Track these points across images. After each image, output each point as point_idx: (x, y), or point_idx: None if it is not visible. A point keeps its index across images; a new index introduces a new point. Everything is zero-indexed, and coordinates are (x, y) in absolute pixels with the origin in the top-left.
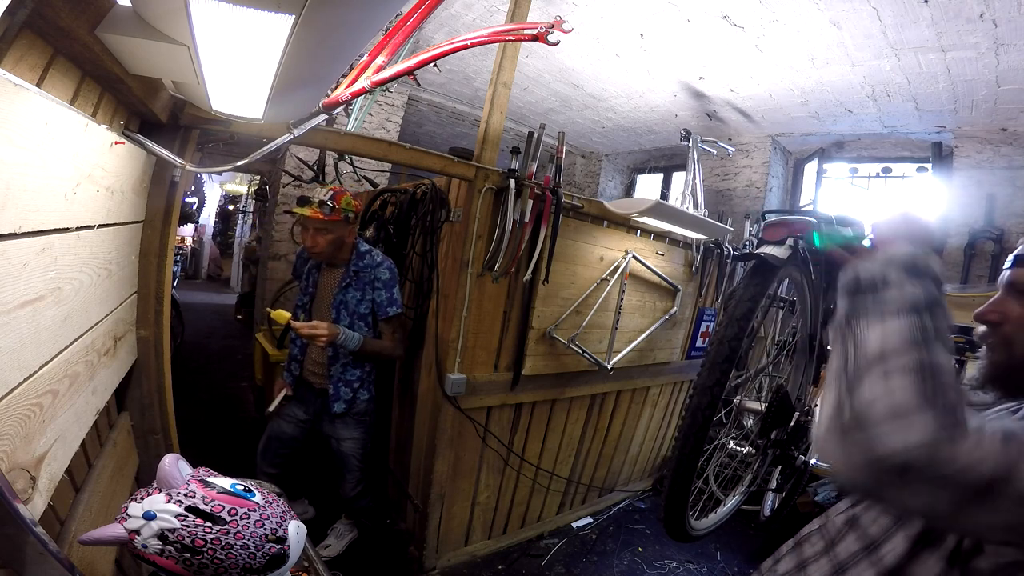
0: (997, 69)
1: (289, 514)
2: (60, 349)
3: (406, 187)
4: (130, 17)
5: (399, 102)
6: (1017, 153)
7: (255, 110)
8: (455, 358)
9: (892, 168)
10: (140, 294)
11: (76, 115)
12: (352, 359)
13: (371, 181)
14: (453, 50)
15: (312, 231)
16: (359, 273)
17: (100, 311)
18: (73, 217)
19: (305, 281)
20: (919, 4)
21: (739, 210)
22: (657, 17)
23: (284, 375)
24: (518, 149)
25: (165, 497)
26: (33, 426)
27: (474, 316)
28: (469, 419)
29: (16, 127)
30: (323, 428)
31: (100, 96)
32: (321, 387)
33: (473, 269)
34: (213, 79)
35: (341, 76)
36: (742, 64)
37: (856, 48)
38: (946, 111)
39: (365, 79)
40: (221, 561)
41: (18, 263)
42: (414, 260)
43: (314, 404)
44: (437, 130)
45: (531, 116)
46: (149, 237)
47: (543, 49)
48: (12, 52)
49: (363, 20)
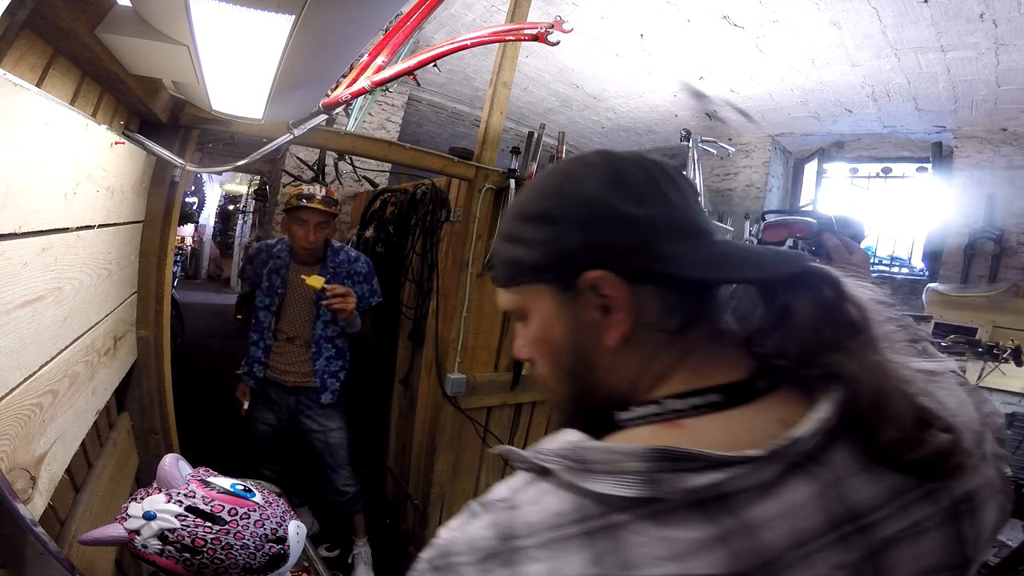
0: (997, 69)
1: (289, 514)
2: (60, 349)
3: (406, 187)
4: (130, 17)
5: (399, 102)
6: (1017, 153)
7: (255, 110)
8: (455, 358)
9: (892, 168)
10: (140, 294)
11: (76, 115)
12: (334, 351)
13: (371, 181)
14: (453, 50)
15: (313, 226)
16: (336, 269)
17: (100, 311)
18: (73, 217)
19: (268, 282)
20: (919, 4)
21: (739, 210)
22: (657, 17)
23: (245, 379)
24: (518, 149)
25: (165, 497)
26: (33, 426)
27: (474, 316)
28: (469, 419)
29: (16, 127)
30: (303, 424)
31: (100, 96)
32: (294, 384)
33: (473, 269)
34: (213, 79)
35: (341, 76)
36: (742, 64)
37: (856, 48)
38: (946, 111)
39: (365, 79)
40: (221, 561)
41: (18, 263)
42: (414, 260)
43: (285, 403)
44: (437, 130)
45: (531, 116)
46: (149, 237)
47: (543, 49)
48: (12, 52)
49: (363, 20)
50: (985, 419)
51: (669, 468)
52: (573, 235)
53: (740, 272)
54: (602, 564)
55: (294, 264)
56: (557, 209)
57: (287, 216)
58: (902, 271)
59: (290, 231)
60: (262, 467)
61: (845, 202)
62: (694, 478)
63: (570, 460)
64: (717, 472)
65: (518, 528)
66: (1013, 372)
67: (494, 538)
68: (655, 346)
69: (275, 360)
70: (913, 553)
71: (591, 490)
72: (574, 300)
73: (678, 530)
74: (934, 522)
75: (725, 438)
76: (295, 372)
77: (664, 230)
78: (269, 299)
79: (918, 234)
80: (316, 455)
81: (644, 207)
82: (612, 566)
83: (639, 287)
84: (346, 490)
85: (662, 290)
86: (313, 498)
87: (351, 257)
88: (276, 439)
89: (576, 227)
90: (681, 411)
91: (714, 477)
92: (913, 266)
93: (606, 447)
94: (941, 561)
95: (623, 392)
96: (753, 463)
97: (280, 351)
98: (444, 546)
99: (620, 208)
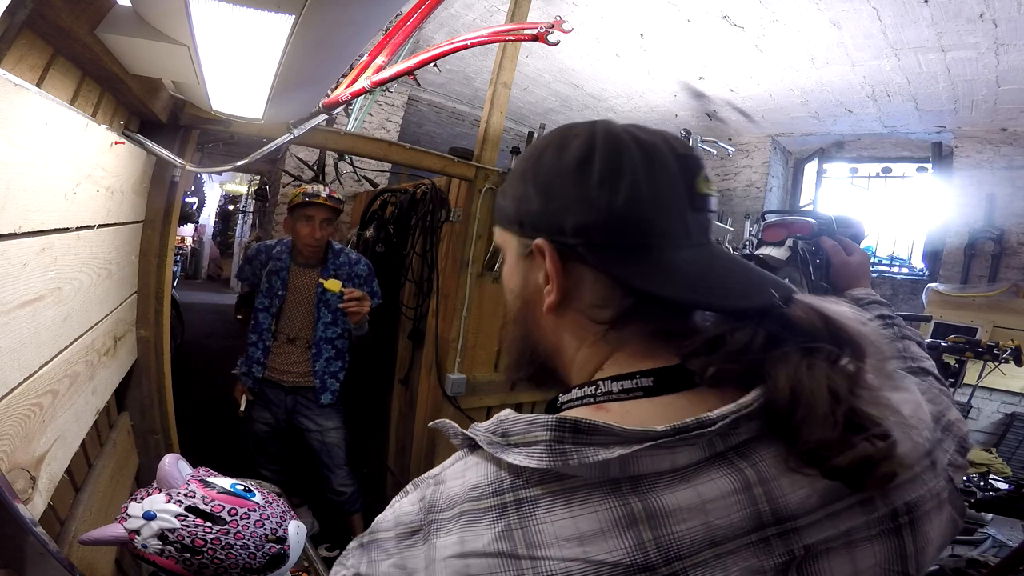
0: (997, 69)
1: (289, 514)
2: (60, 349)
3: (406, 187)
4: (130, 17)
5: (399, 102)
6: (1017, 153)
7: (255, 110)
8: (455, 358)
9: (892, 168)
10: (140, 294)
11: (76, 115)
12: (334, 352)
13: (371, 181)
14: (453, 50)
15: (319, 222)
16: (337, 271)
17: (100, 311)
18: (73, 217)
19: (268, 283)
20: (919, 4)
21: (739, 210)
22: (657, 17)
23: (243, 379)
24: (518, 149)
25: (165, 497)
26: (33, 426)
27: (474, 316)
28: (469, 419)
29: (16, 127)
30: (301, 424)
31: (100, 96)
32: (292, 384)
33: (473, 269)
34: (213, 79)
35: (341, 76)
36: (742, 64)
37: (856, 48)
38: (946, 111)
39: (365, 79)
40: (221, 561)
41: (18, 263)
42: (414, 260)
43: (283, 403)
44: (437, 130)
45: (531, 116)
46: (149, 237)
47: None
48: (12, 52)
49: (363, 20)
50: (947, 427)
51: (573, 440)
52: (535, 199)
53: (696, 294)
54: (509, 539)
55: (294, 266)
56: (530, 172)
57: (291, 214)
58: (902, 271)
59: (295, 229)
60: (261, 467)
61: (845, 202)
62: (598, 452)
63: (493, 433)
64: (622, 447)
65: (439, 502)
66: (1013, 372)
67: (417, 513)
68: (589, 332)
69: (274, 360)
70: (848, 566)
71: (507, 461)
72: (528, 258)
73: (585, 510)
74: (870, 532)
75: (642, 420)
76: (293, 372)
77: (621, 221)
78: (269, 300)
79: (918, 234)
80: (314, 455)
81: (609, 193)
82: (518, 542)
83: (573, 267)
84: (343, 490)
85: (598, 280)
86: (313, 498)
87: (352, 259)
88: (274, 439)
89: (539, 193)
90: (611, 393)
91: (619, 452)
92: (913, 266)
93: (524, 418)
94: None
95: (563, 365)
96: (656, 439)
97: (280, 352)
98: (375, 524)
99: (578, 188)
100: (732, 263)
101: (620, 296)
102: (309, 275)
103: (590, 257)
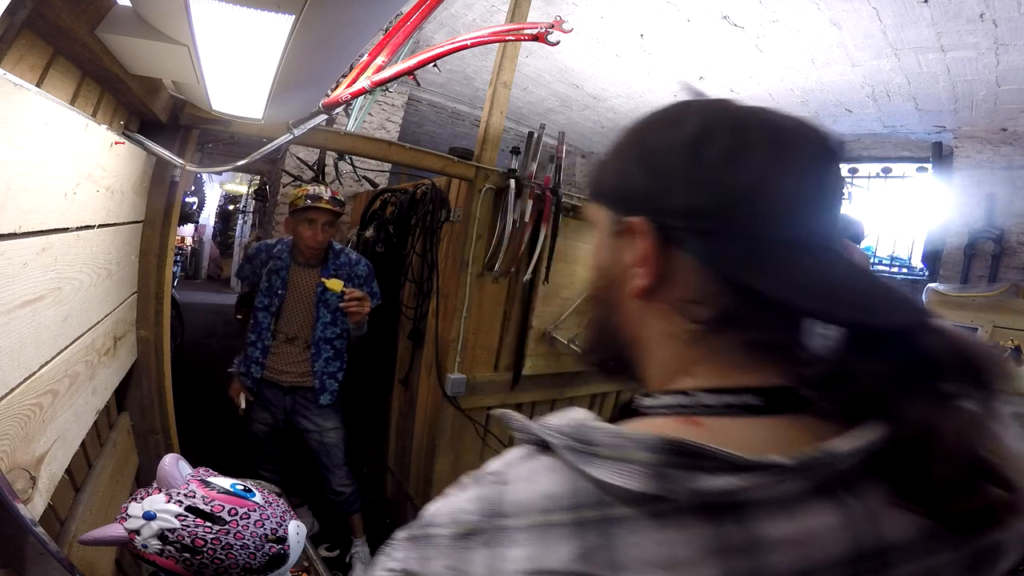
0: (997, 69)
1: (289, 514)
2: (60, 349)
3: (406, 187)
4: (130, 17)
5: (399, 102)
6: (1017, 153)
7: (255, 110)
8: (455, 358)
9: (892, 168)
10: (140, 294)
11: (76, 115)
12: (333, 352)
13: (371, 181)
14: (453, 50)
15: (321, 225)
16: (337, 271)
17: (100, 311)
18: (73, 217)
19: (268, 282)
20: (919, 4)
21: None
22: (657, 17)
23: (241, 379)
24: (518, 149)
25: (165, 497)
26: (33, 426)
27: (474, 316)
28: (469, 419)
29: (16, 127)
30: (300, 424)
31: (100, 96)
32: (290, 384)
33: (473, 269)
34: (213, 79)
35: (341, 76)
36: (742, 64)
37: (856, 48)
38: (946, 111)
39: (365, 79)
40: (221, 561)
41: (18, 263)
42: (414, 260)
43: (282, 403)
44: (437, 130)
45: (531, 116)
46: (149, 237)
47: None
48: (12, 52)
49: (363, 20)
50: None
51: (681, 464)
52: (637, 175)
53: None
54: (590, 560)
55: (295, 265)
56: (635, 146)
57: (293, 216)
58: (902, 271)
59: (296, 231)
60: (260, 468)
61: (845, 202)
62: (708, 479)
63: (573, 438)
64: (735, 477)
65: (506, 506)
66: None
67: (478, 513)
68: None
69: (273, 360)
70: None
71: (591, 475)
72: (620, 235)
73: (678, 536)
74: (949, 570)
75: (750, 444)
76: (292, 372)
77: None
78: (268, 300)
79: (918, 234)
80: (312, 455)
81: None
82: (601, 564)
83: (671, 253)
84: (342, 490)
85: (698, 271)
86: (313, 498)
87: (352, 260)
88: (273, 439)
89: (643, 168)
90: (711, 407)
91: (731, 482)
92: (913, 266)
93: (615, 430)
94: None
95: (640, 360)
96: (777, 472)
97: (279, 351)
98: (427, 517)
99: (691, 166)
100: (856, 271)
101: (722, 293)
102: (309, 275)
103: (694, 243)
